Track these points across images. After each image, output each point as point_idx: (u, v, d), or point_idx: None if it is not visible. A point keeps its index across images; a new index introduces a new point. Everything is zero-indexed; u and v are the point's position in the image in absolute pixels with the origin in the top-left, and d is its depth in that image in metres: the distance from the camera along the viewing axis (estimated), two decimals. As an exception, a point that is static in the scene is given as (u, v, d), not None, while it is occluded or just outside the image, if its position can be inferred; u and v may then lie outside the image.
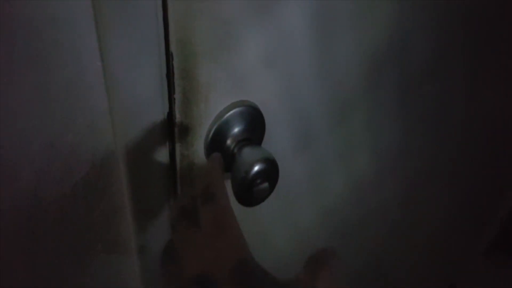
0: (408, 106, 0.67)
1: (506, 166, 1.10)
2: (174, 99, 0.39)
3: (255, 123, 0.45)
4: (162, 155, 0.42)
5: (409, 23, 0.55)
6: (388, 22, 0.52)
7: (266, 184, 0.42)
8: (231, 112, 0.43)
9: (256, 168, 0.41)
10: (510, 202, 1.25)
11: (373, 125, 0.63)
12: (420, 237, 1.05)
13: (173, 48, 0.36)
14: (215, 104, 0.42)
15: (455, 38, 0.65)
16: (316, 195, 0.65)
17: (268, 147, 0.48)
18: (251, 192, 0.42)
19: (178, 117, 0.40)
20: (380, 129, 0.66)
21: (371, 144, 0.67)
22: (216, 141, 0.43)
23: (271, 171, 0.42)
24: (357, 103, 0.58)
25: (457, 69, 0.70)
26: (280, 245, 0.66)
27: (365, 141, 0.65)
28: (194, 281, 0.30)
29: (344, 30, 0.49)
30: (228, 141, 0.44)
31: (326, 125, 0.56)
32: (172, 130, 0.41)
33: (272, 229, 0.62)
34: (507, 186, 1.19)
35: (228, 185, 0.43)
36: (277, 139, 0.51)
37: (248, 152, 0.42)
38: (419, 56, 0.61)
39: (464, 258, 1.35)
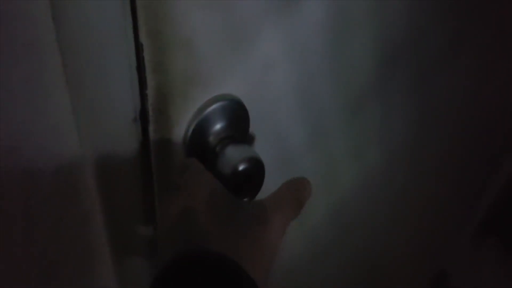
0: (419, 101, 0.67)
1: (493, 150, 1.10)
2: (147, 95, 0.35)
3: (238, 119, 0.41)
4: (135, 156, 0.38)
5: (423, 17, 0.55)
6: (402, 16, 0.51)
7: (251, 185, 0.39)
8: (212, 107, 0.39)
9: (240, 168, 0.38)
10: (496, 186, 1.25)
11: (384, 120, 0.63)
12: (410, 224, 1.05)
13: (143, 39, 0.32)
14: (194, 99, 0.38)
15: (466, 31, 0.65)
16: (326, 192, 0.65)
17: (279, 142, 0.48)
18: (236, 193, 0.38)
19: (152, 114, 0.36)
20: (391, 124, 0.66)
21: (382, 140, 0.67)
22: (197, 139, 0.40)
23: (257, 170, 0.39)
24: (369, 98, 0.57)
25: (466, 63, 0.70)
26: (288, 238, 0.65)
27: (376, 137, 0.65)
28: (180, 217, 0.36)
29: (359, 24, 0.47)
30: (210, 139, 0.40)
31: (338, 120, 0.55)
32: (145, 128, 0.37)
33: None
34: (493, 170, 1.20)
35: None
36: (288, 135, 0.50)
37: (232, 151, 0.39)
38: (430, 49, 0.61)
39: (453, 244, 1.36)
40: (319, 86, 0.49)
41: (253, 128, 0.45)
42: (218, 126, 0.40)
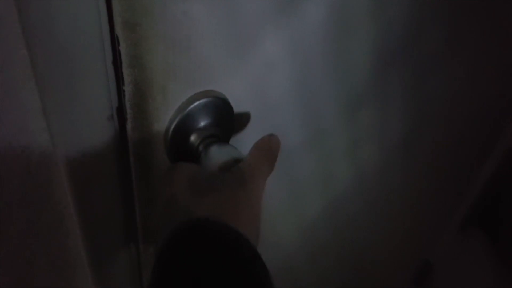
0: (415, 100, 0.68)
1: (481, 144, 1.10)
2: (124, 91, 0.32)
3: (223, 117, 0.39)
4: (112, 157, 0.36)
5: (420, 18, 0.54)
6: (400, 17, 0.51)
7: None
8: (195, 104, 0.37)
9: (225, 170, 0.35)
10: (483, 179, 1.25)
11: (381, 119, 0.63)
12: (395, 214, 1.05)
13: (118, 31, 0.30)
14: (175, 95, 0.36)
15: (462, 31, 0.65)
16: (322, 189, 0.65)
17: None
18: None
19: (129, 111, 0.34)
20: (388, 123, 0.66)
21: (378, 139, 0.67)
22: (178, 138, 0.37)
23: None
24: (367, 98, 0.56)
25: (461, 62, 0.71)
26: (287, 236, 0.68)
27: (372, 136, 0.65)
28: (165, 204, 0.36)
29: (358, 25, 0.46)
30: (192, 138, 0.38)
31: (336, 120, 0.55)
32: (123, 126, 0.35)
33: (279, 221, 0.62)
34: (480, 163, 1.20)
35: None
36: (287, 133, 0.49)
37: (215, 152, 0.36)
38: (427, 50, 0.60)
39: (439, 235, 1.36)
40: (318, 86, 0.48)
41: (251, 127, 0.43)
42: (201, 125, 0.37)
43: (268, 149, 0.38)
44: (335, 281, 0.94)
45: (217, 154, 0.36)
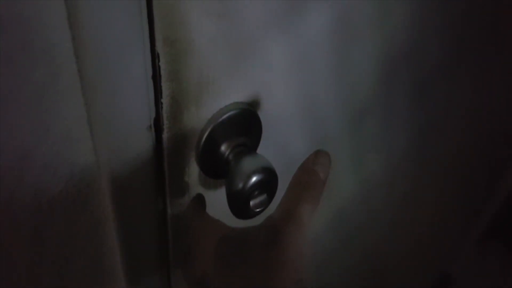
0: (420, 110, 0.67)
1: (499, 158, 1.10)
2: (162, 103, 0.35)
3: (251, 127, 0.41)
4: (148, 163, 0.38)
5: (424, 27, 0.55)
6: (404, 25, 0.51)
7: (264, 196, 0.38)
8: (226, 115, 0.39)
9: (254, 179, 0.37)
10: (502, 191, 1.25)
11: (385, 128, 0.63)
12: (414, 226, 1.04)
13: (159, 47, 0.32)
14: (208, 107, 0.38)
15: (466, 40, 0.65)
16: (327, 200, 0.64)
17: (281, 150, 0.48)
18: (248, 204, 0.38)
19: (166, 122, 0.36)
20: (393, 133, 0.66)
21: (383, 148, 0.67)
22: (209, 147, 0.39)
23: (270, 181, 0.38)
24: (371, 107, 0.57)
25: (465, 71, 0.71)
26: None
27: (377, 145, 0.65)
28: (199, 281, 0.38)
29: (362, 34, 0.47)
30: (223, 147, 0.40)
31: (340, 129, 0.55)
32: (159, 136, 0.37)
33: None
34: (499, 177, 1.19)
35: (223, 193, 0.40)
36: (291, 143, 0.50)
37: (244, 161, 0.38)
38: (432, 58, 0.61)
39: (457, 247, 1.35)
40: (323, 95, 0.49)
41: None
42: (231, 135, 0.39)
43: (308, 179, 0.36)
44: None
45: (246, 163, 0.38)
